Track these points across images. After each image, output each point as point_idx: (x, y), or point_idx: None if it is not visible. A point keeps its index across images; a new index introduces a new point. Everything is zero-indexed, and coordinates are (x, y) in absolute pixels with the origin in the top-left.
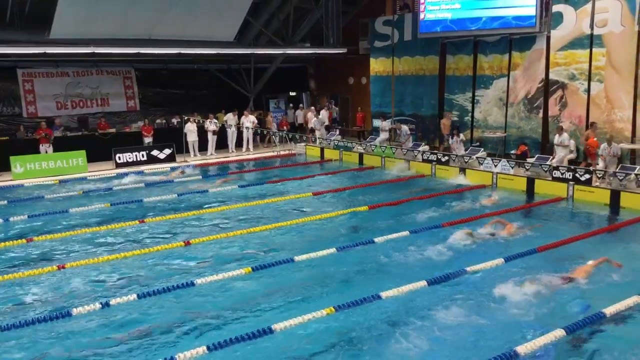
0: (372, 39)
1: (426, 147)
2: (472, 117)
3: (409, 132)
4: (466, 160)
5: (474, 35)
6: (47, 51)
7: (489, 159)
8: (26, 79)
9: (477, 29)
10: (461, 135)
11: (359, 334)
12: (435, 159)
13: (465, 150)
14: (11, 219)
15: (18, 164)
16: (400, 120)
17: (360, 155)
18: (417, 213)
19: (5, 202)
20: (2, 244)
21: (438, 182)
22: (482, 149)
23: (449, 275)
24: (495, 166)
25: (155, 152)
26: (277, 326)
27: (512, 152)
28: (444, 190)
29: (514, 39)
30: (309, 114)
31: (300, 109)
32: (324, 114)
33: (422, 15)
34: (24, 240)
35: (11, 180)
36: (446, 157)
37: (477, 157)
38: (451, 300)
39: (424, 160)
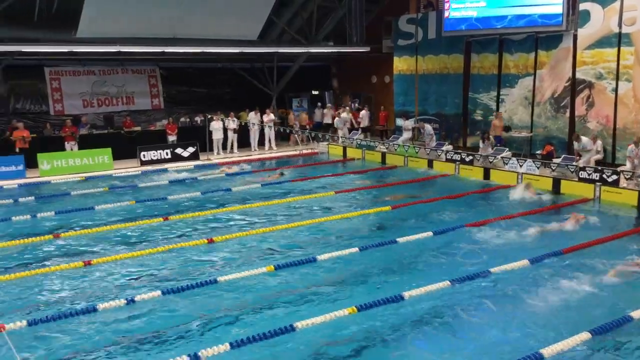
0: (395, 38)
1: (450, 147)
2: None
3: (432, 132)
4: (491, 160)
5: (499, 34)
6: (73, 50)
7: (514, 159)
8: (53, 77)
9: (502, 27)
10: (491, 138)
11: (382, 334)
12: (459, 159)
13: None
14: (39, 215)
15: (45, 161)
16: (424, 119)
17: (383, 155)
18: (440, 213)
19: (33, 198)
20: (30, 239)
21: (462, 182)
22: (507, 149)
23: (473, 275)
24: (521, 166)
25: (179, 150)
26: (299, 324)
27: (538, 152)
28: (467, 191)
29: (540, 38)
30: (344, 114)
31: (329, 108)
32: (364, 114)
33: (446, 14)
34: (51, 236)
35: (38, 177)
36: (470, 157)
37: (502, 157)
38: (475, 300)
39: (447, 160)
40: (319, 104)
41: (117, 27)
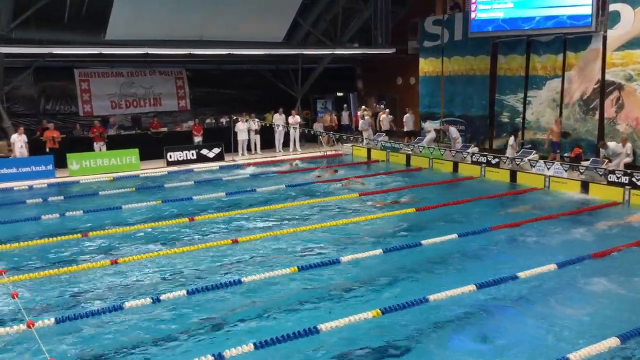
0: (421, 39)
1: (475, 149)
2: (524, 118)
3: (457, 134)
4: (517, 163)
5: (526, 35)
6: (102, 52)
7: (541, 161)
8: (83, 79)
9: (530, 28)
10: (512, 138)
11: (406, 338)
12: (485, 161)
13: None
14: (67, 213)
15: (74, 161)
16: (449, 121)
17: (408, 157)
18: (465, 215)
19: (62, 197)
20: (59, 237)
21: (488, 184)
22: (534, 151)
23: (499, 279)
24: (548, 169)
25: (204, 151)
26: (323, 326)
27: (566, 154)
28: (493, 193)
29: (569, 39)
30: (383, 116)
31: (361, 109)
32: (385, 118)
33: (473, 15)
34: (79, 235)
35: (68, 176)
36: (496, 159)
37: (529, 160)
38: (501, 305)
39: (473, 162)
40: (345, 105)
41: (145, 29)
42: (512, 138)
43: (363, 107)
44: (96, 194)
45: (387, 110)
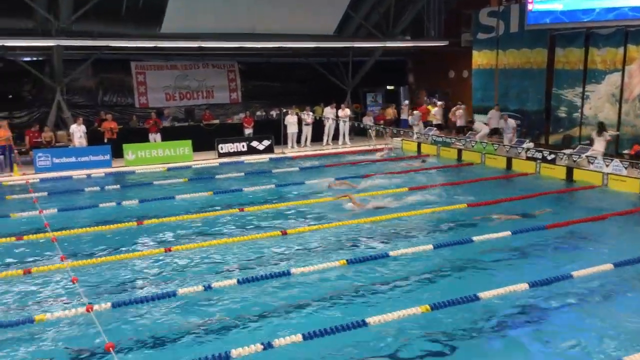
0: (475, 31)
1: (531, 144)
2: (582, 113)
3: (514, 125)
4: (575, 160)
5: (586, 28)
6: (158, 45)
7: (600, 158)
8: (139, 71)
9: (589, 20)
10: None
11: (454, 335)
12: (540, 157)
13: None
14: (123, 202)
15: (130, 151)
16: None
17: (459, 152)
18: (519, 212)
19: (119, 186)
20: (115, 225)
21: (543, 181)
22: (592, 148)
23: (553, 278)
24: (607, 166)
25: (254, 143)
26: (372, 320)
27: (625, 151)
28: (548, 190)
29: (630, 32)
30: (459, 111)
31: (405, 105)
32: (437, 111)
33: (530, 6)
34: (134, 223)
35: (124, 166)
36: (552, 155)
37: (586, 156)
38: (554, 305)
39: (528, 158)
40: (406, 101)
41: (199, 22)
42: (603, 132)
43: (459, 103)
44: (150, 184)
45: (463, 105)
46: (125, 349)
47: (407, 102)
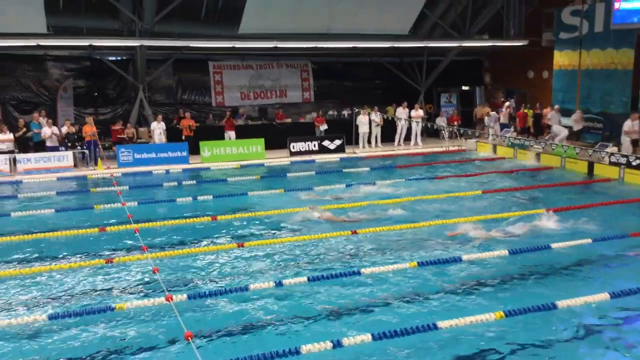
0: (557, 30)
1: (614, 149)
2: None
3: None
4: None
5: None
6: (235, 45)
7: None
8: (216, 71)
9: None
10: None
11: (529, 344)
12: (625, 162)
13: None
14: (199, 197)
15: (206, 148)
16: (586, 118)
17: (537, 155)
18: (600, 220)
19: (195, 182)
20: (191, 219)
21: (627, 188)
22: None
23: (637, 289)
24: None
25: (326, 143)
26: (442, 324)
27: None
28: (633, 197)
29: None
30: (552, 112)
31: (481, 105)
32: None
33: (616, 5)
34: (209, 218)
35: (200, 163)
36: (638, 161)
37: None
38: (636, 317)
39: (611, 163)
40: (507, 102)
41: (275, 23)
42: None
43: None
44: (225, 180)
45: (557, 106)
46: (202, 339)
47: (508, 103)
